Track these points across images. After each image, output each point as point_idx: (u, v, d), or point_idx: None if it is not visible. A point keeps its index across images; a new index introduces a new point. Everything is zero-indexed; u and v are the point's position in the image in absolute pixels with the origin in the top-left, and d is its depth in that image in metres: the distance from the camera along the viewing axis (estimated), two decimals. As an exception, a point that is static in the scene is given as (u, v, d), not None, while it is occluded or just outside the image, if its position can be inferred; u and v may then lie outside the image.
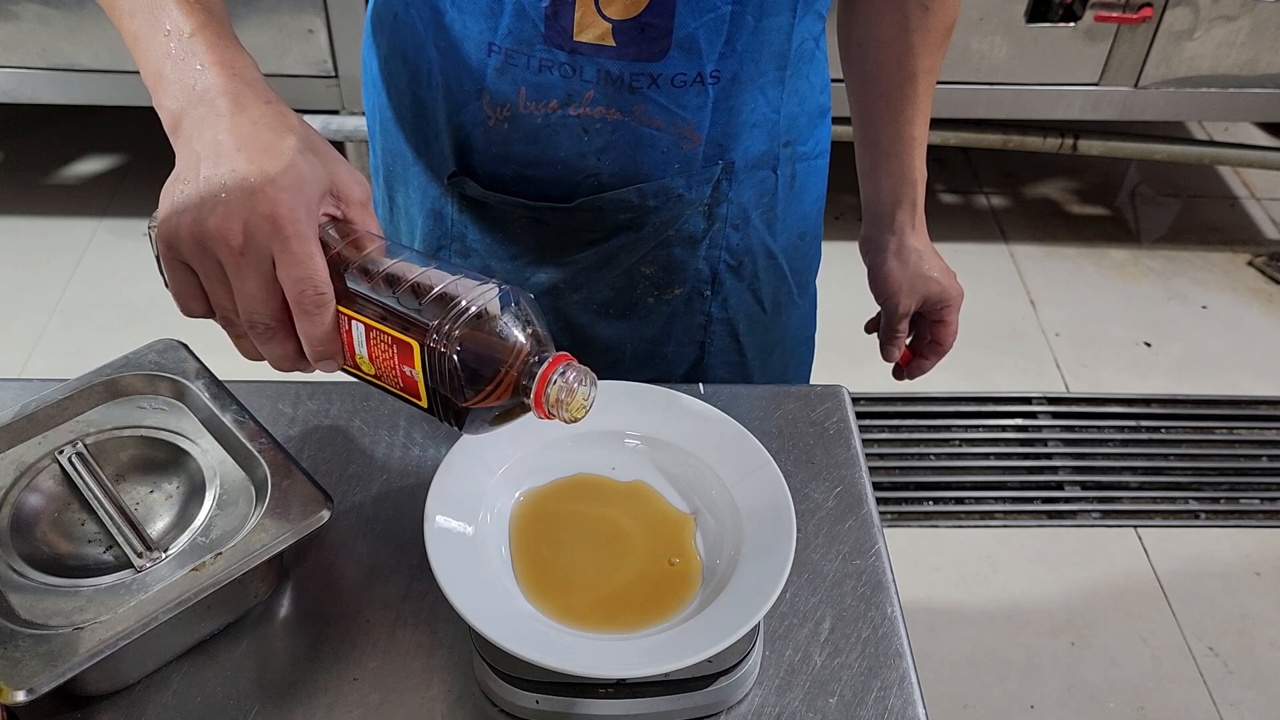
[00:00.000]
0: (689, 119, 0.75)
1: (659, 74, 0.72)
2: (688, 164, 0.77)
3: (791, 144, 0.82)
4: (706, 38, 0.71)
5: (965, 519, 1.81)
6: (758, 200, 0.82)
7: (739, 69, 0.74)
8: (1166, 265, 2.35)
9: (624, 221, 0.79)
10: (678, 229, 0.80)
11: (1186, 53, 1.99)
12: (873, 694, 0.61)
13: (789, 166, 0.82)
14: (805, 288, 0.93)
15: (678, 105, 0.74)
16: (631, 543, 0.62)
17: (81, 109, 2.20)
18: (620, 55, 0.71)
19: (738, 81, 0.74)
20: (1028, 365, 2.08)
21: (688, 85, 0.73)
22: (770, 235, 0.84)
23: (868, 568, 0.67)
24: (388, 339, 0.54)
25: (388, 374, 0.55)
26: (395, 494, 0.72)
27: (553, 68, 0.72)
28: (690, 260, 0.82)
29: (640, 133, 0.75)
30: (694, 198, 0.79)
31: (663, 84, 0.72)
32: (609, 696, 0.58)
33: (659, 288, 0.83)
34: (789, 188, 0.84)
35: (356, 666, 0.62)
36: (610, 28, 0.70)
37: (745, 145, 0.78)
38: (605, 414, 0.67)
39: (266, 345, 0.55)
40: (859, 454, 0.75)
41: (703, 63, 0.72)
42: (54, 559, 0.60)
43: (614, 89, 0.72)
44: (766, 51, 0.74)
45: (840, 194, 2.42)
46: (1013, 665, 1.60)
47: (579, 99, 0.73)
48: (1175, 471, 1.90)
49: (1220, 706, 1.56)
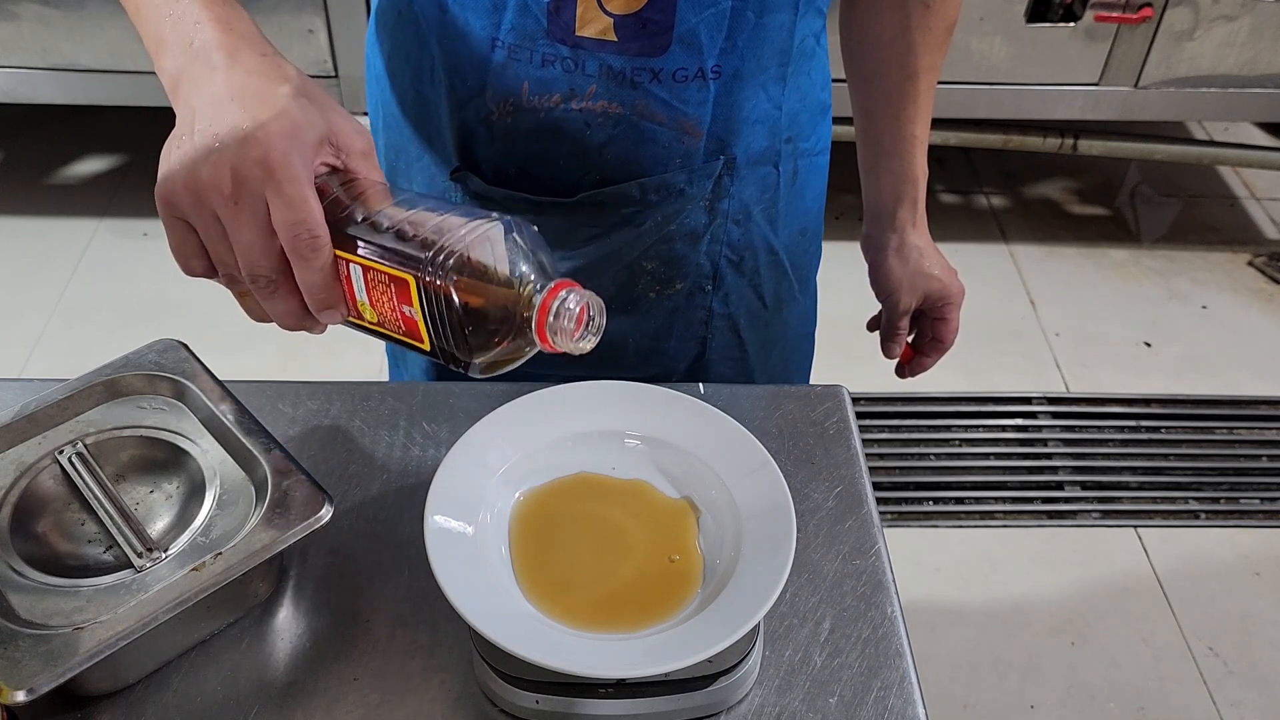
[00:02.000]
0: (690, 114, 0.75)
1: (660, 69, 0.72)
2: (689, 159, 0.77)
3: (793, 140, 0.82)
4: (708, 33, 0.71)
5: (965, 519, 1.81)
6: (759, 196, 0.82)
7: (740, 65, 0.74)
8: (1166, 265, 2.35)
9: (625, 216, 0.79)
10: (679, 224, 0.81)
11: (1187, 53, 1.99)
12: (873, 694, 0.61)
13: (791, 163, 0.83)
14: (806, 284, 0.93)
15: (679, 100, 0.74)
16: (631, 541, 0.62)
17: (81, 109, 2.20)
18: (622, 50, 0.71)
19: (739, 77, 0.75)
20: (1028, 365, 2.08)
21: (689, 80, 0.73)
22: (772, 231, 0.85)
23: (867, 568, 0.67)
24: (384, 278, 0.52)
25: (388, 318, 0.53)
26: (395, 494, 0.72)
27: (555, 62, 0.72)
28: (692, 255, 0.83)
29: (642, 128, 0.75)
30: (695, 193, 0.79)
31: (664, 79, 0.73)
32: (609, 696, 0.58)
33: (660, 283, 0.84)
34: (790, 184, 0.84)
35: (356, 666, 0.62)
36: (612, 22, 0.70)
37: (747, 141, 0.78)
38: (605, 414, 0.68)
39: (270, 300, 0.54)
40: (859, 454, 0.75)
41: (704, 58, 0.72)
42: (54, 559, 0.60)
43: (616, 84, 0.73)
44: (768, 48, 0.75)
45: (840, 193, 2.42)
46: (1013, 665, 1.60)
47: (581, 93, 0.73)
48: (1175, 471, 1.90)
49: (1220, 706, 1.56)
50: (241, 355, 2.06)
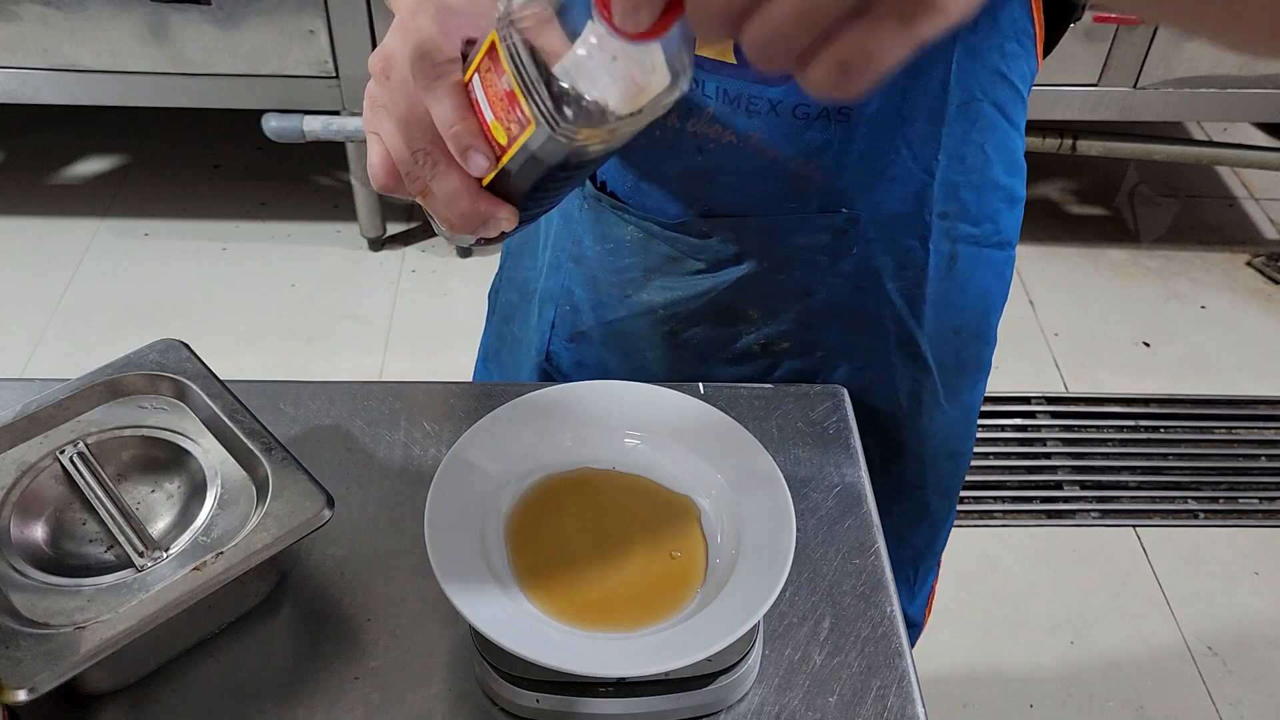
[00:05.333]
0: (809, 156, 0.70)
1: (779, 101, 0.68)
2: (804, 204, 0.72)
3: (950, 218, 0.75)
4: None
5: (964, 518, 1.81)
6: (897, 271, 0.76)
7: (875, 111, 0.68)
8: (1165, 265, 2.35)
9: (729, 255, 0.76)
10: (788, 274, 0.76)
11: (1185, 53, 1.99)
12: (872, 693, 0.61)
13: (947, 244, 0.76)
14: (955, 393, 0.84)
15: (798, 138, 0.69)
16: (632, 539, 0.63)
17: (82, 109, 2.20)
18: (740, 74, 0.68)
19: (873, 126, 0.69)
20: (1027, 365, 2.08)
21: (811, 119, 0.68)
22: (913, 317, 0.78)
23: (867, 567, 0.68)
24: (485, 66, 0.49)
25: (506, 120, 0.49)
26: (395, 494, 0.72)
27: None
28: (799, 313, 0.78)
29: (755, 161, 0.71)
30: (804, 242, 0.74)
31: (783, 113, 0.68)
32: (609, 695, 0.58)
33: (766, 336, 0.79)
34: (946, 270, 0.77)
35: (357, 665, 0.62)
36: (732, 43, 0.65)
37: (878, 200, 0.72)
38: (605, 414, 0.68)
39: (439, 181, 0.53)
40: (859, 454, 0.75)
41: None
42: (55, 558, 0.60)
43: (732, 109, 0.69)
44: (913, 97, 0.68)
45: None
46: (1012, 664, 1.60)
47: (698, 114, 0.70)
48: (1174, 471, 1.90)
49: (1219, 706, 1.56)
50: (242, 355, 2.07)
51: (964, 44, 0.67)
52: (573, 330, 0.85)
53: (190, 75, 2.01)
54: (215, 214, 2.38)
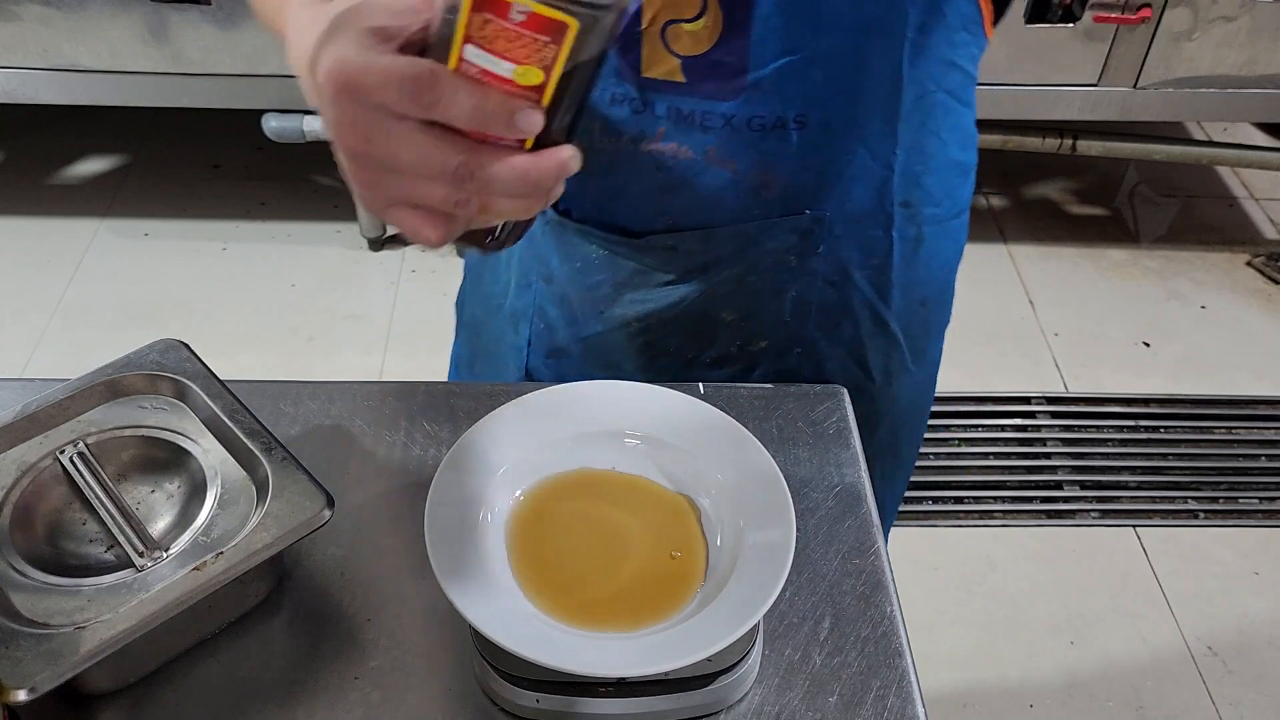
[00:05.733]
0: (768, 165, 0.70)
1: (734, 115, 0.68)
2: (768, 210, 0.73)
3: (913, 205, 0.75)
4: (789, 80, 0.66)
5: (964, 518, 1.81)
6: (863, 261, 0.77)
7: (830, 117, 0.68)
8: (1165, 265, 2.35)
9: (698, 263, 0.76)
10: (759, 276, 0.76)
11: (1185, 53, 1.99)
12: (872, 693, 0.61)
13: (911, 229, 0.76)
14: (922, 355, 0.86)
15: (756, 150, 0.69)
16: (632, 539, 0.63)
17: (82, 109, 2.20)
18: (692, 92, 0.67)
19: (829, 130, 0.69)
20: (1027, 365, 2.08)
21: (767, 130, 0.68)
22: (881, 301, 0.79)
23: (867, 567, 0.68)
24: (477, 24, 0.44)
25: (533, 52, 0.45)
26: (395, 494, 0.72)
27: (624, 102, 0.69)
28: (774, 312, 0.78)
29: (715, 174, 0.71)
30: (773, 246, 0.74)
31: (738, 126, 0.68)
32: (609, 695, 0.58)
33: (743, 338, 0.80)
34: (912, 252, 0.78)
35: (357, 665, 0.62)
36: (679, 64, 0.66)
37: (840, 199, 0.73)
38: (605, 414, 0.68)
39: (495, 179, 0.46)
40: (859, 454, 0.75)
41: (785, 107, 0.67)
42: (55, 558, 0.60)
43: (686, 127, 0.69)
44: (867, 99, 0.69)
45: (840, 194, 2.42)
46: (1012, 664, 1.60)
47: (651, 135, 0.70)
48: (1174, 471, 1.90)
49: (1219, 706, 1.56)
50: (242, 355, 2.07)
51: (913, 44, 0.67)
52: (550, 347, 0.85)
53: (190, 75, 2.01)
54: (215, 214, 2.38)
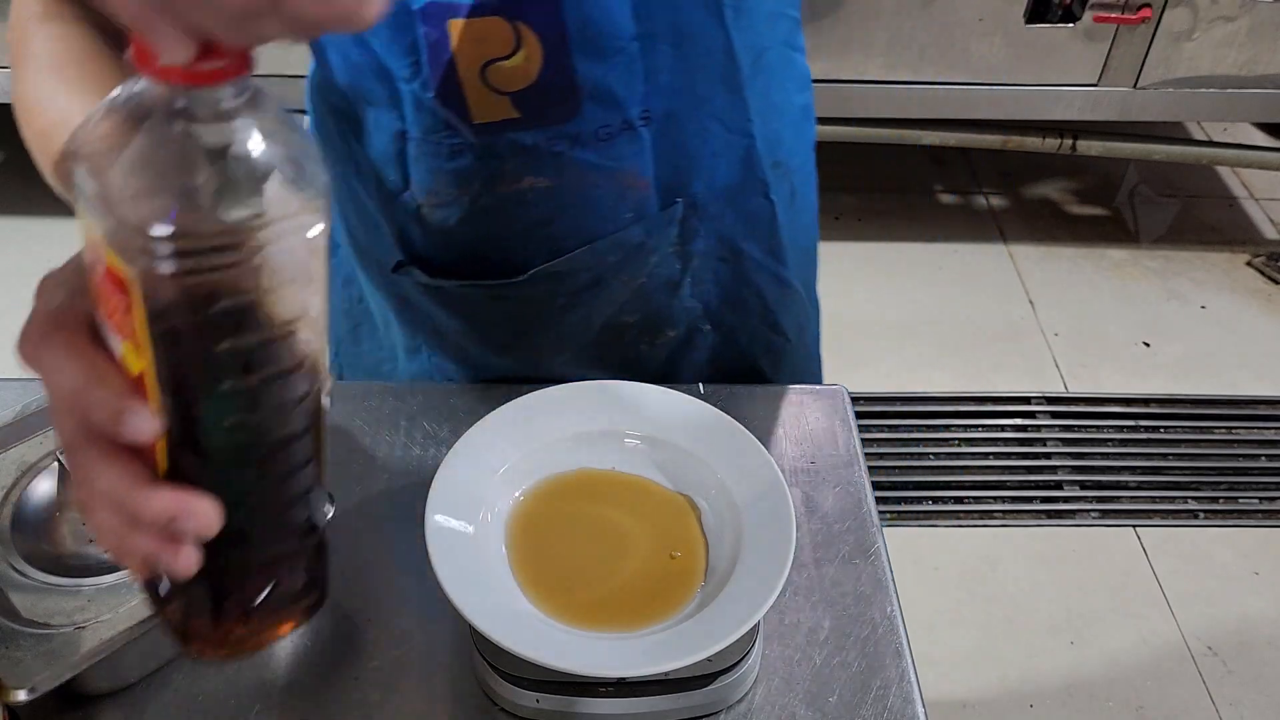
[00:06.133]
0: (627, 168, 0.69)
1: (578, 132, 0.66)
2: (642, 210, 0.71)
3: (781, 163, 0.75)
4: (620, 82, 0.65)
5: (964, 519, 1.81)
6: (750, 231, 0.76)
7: (673, 105, 0.67)
8: (1165, 265, 2.35)
9: (588, 280, 0.74)
10: (650, 276, 0.75)
11: (1185, 53, 1.99)
12: (872, 693, 0.61)
13: (785, 186, 0.77)
14: (812, 291, 0.88)
15: (610, 158, 0.68)
16: (632, 539, 0.63)
17: (81, 109, 2.19)
18: (530, 124, 0.65)
19: (675, 117, 0.68)
20: (1027, 365, 2.08)
21: (615, 136, 0.67)
22: (779, 264, 0.79)
23: (867, 567, 0.68)
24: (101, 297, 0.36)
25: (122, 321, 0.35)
26: (395, 493, 0.72)
27: (466, 151, 0.67)
28: (674, 303, 0.78)
29: (579, 195, 0.69)
30: (656, 244, 0.73)
31: (586, 141, 0.66)
32: (609, 695, 0.58)
33: (650, 333, 0.79)
34: (791, 207, 0.78)
35: (357, 665, 0.62)
36: (509, 100, 0.64)
37: (709, 179, 0.72)
38: (605, 414, 0.68)
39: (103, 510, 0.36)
40: (859, 454, 0.75)
41: (625, 109, 0.66)
42: (55, 558, 0.60)
43: (534, 159, 0.67)
44: (704, 76, 0.68)
45: (840, 193, 2.43)
46: (1012, 664, 1.60)
47: (502, 176, 0.68)
48: (1174, 471, 1.90)
49: (1219, 706, 1.56)
50: (241, 355, 2.06)
51: (733, 9, 0.66)
52: None
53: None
54: (215, 214, 2.37)
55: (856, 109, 2.01)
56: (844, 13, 1.90)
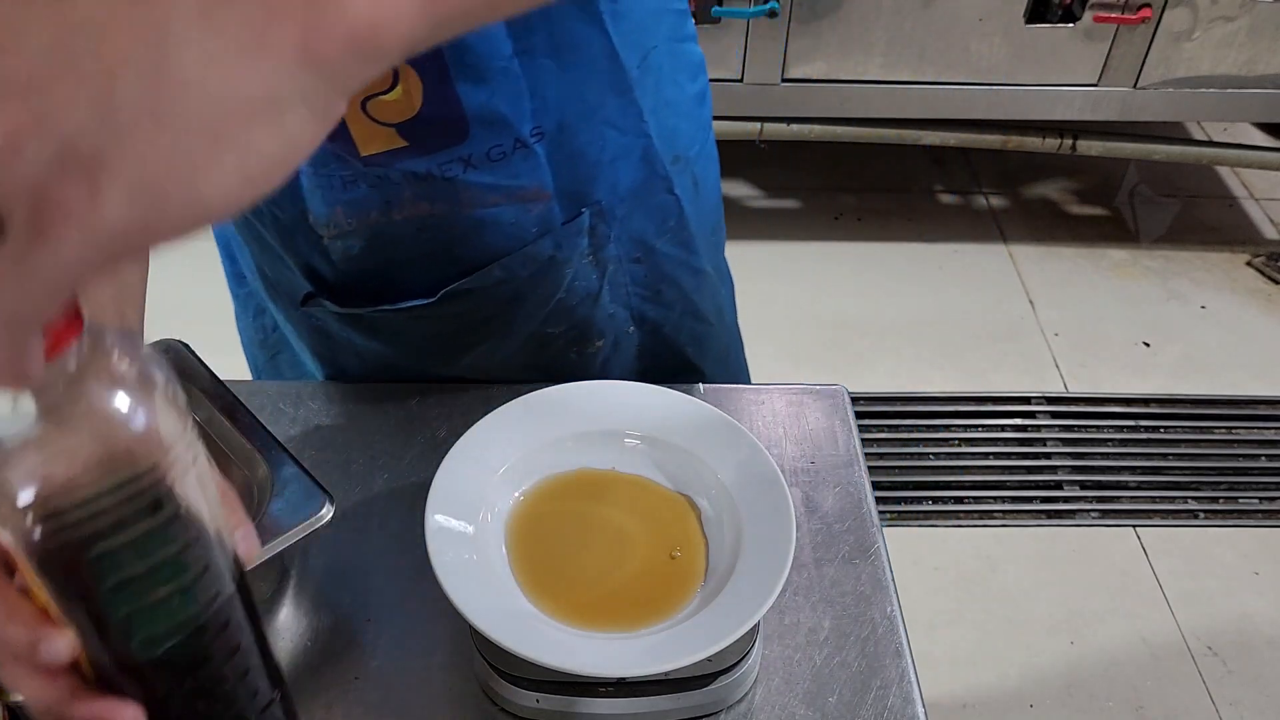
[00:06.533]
0: (525, 184, 0.67)
1: (469, 155, 0.65)
2: (547, 223, 0.70)
3: (681, 157, 0.74)
4: (506, 102, 0.63)
5: (964, 519, 1.81)
6: (660, 228, 0.75)
7: (563, 115, 0.66)
8: (1165, 265, 2.35)
9: (503, 296, 0.73)
10: (569, 290, 0.74)
11: (1185, 53, 1.99)
12: (872, 693, 0.61)
13: (688, 178, 0.75)
14: (725, 275, 0.86)
15: (506, 177, 0.67)
16: (632, 539, 0.63)
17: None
18: (418, 152, 0.64)
19: (568, 128, 0.67)
20: (1027, 365, 2.08)
21: (509, 155, 0.65)
22: (691, 254, 0.78)
23: (867, 567, 0.68)
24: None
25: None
26: (396, 493, 0.72)
27: (358, 181, 0.66)
28: (597, 312, 0.77)
29: (479, 215, 0.68)
30: (567, 255, 0.72)
31: (478, 163, 0.65)
32: (609, 695, 0.58)
33: (578, 343, 0.78)
34: (696, 197, 0.77)
35: (357, 665, 0.62)
36: (394, 131, 0.63)
37: (611, 182, 0.71)
38: (605, 414, 0.68)
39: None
40: (859, 454, 0.75)
41: (514, 128, 0.65)
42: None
43: (429, 185, 0.66)
44: (591, 85, 0.66)
45: (840, 193, 2.43)
46: (1012, 665, 1.60)
47: (398, 203, 0.67)
48: (1174, 471, 1.90)
49: (1219, 706, 1.56)
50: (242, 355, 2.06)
51: (612, 15, 0.65)
52: None
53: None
54: (215, 214, 2.37)
55: (856, 109, 2.01)
56: (844, 13, 1.90)
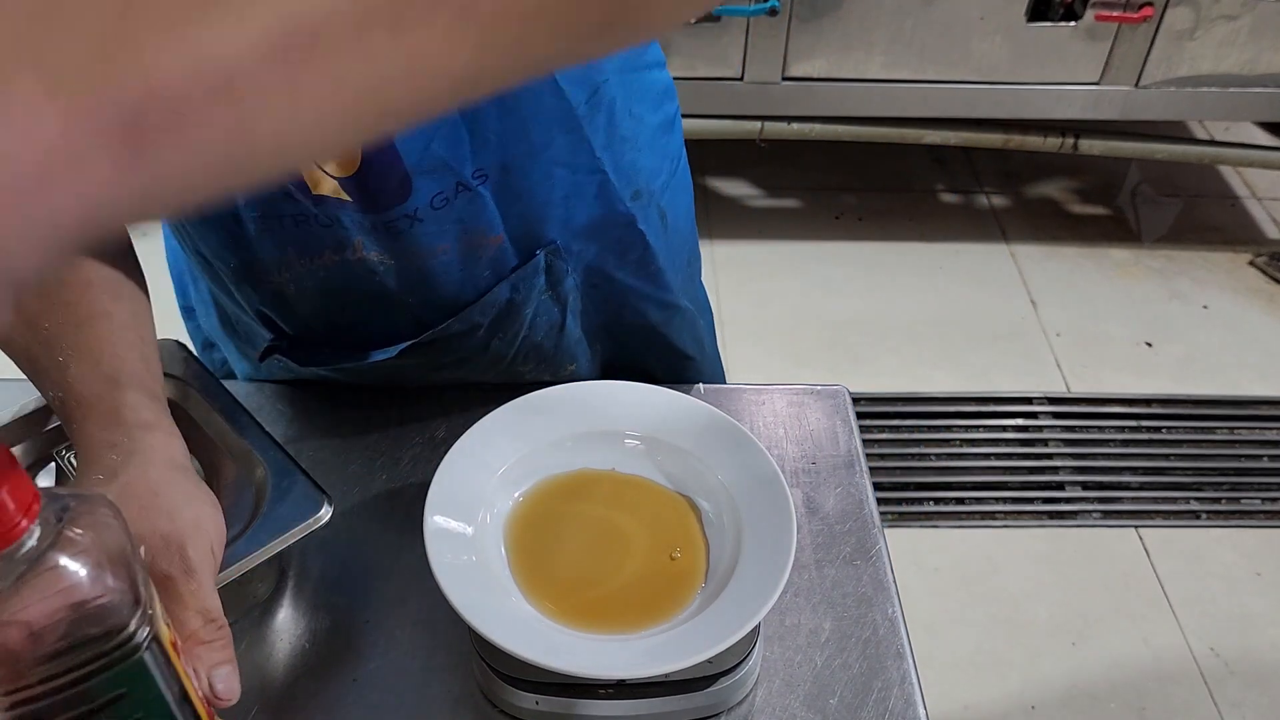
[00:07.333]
0: (473, 227, 0.66)
1: (416, 207, 0.63)
2: (500, 266, 0.69)
3: (643, 192, 0.72)
4: (445, 147, 0.62)
5: (966, 519, 1.81)
6: (620, 261, 0.74)
7: (506, 156, 0.64)
8: (1167, 265, 2.35)
9: (466, 347, 0.73)
10: (531, 327, 0.73)
11: (1187, 52, 1.99)
12: (873, 694, 0.61)
13: (654, 212, 0.74)
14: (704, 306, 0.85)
15: (452, 221, 0.65)
16: (632, 540, 0.62)
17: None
18: (362, 207, 0.63)
19: (513, 169, 0.64)
20: (1028, 365, 2.08)
21: (451, 200, 0.64)
22: (659, 288, 0.77)
23: (868, 568, 0.67)
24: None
25: None
26: (395, 494, 0.72)
27: (309, 220, 0.64)
28: (563, 340, 0.76)
29: (433, 261, 0.66)
30: (526, 297, 0.71)
31: (423, 215, 0.64)
32: (609, 697, 0.58)
33: (550, 370, 0.78)
34: (664, 229, 0.75)
35: (356, 667, 0.62)
36: (337, 183, 0.62)
37: (564, 221, 0.69)
38: (605, 414, 0.67)
39: None
40: (859, 454, 0.75)
41: (457, 172, 0.63)
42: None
43: (376, 235, 0.65)
44: (537, 125, 0.64)
45: (840, 193, 2.43)
46: (1013, 666, 1.60)
47: (349, 245, 0.66)
48: (1176, 471, 1.90)
49: (1221, 707, 1.56)
50: (242, 355, 2.06)
51: None
52: None
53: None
54: (216, 214, 2.37)
55: (857, 109, 2.01)
56: (845, 11, 1.90)
